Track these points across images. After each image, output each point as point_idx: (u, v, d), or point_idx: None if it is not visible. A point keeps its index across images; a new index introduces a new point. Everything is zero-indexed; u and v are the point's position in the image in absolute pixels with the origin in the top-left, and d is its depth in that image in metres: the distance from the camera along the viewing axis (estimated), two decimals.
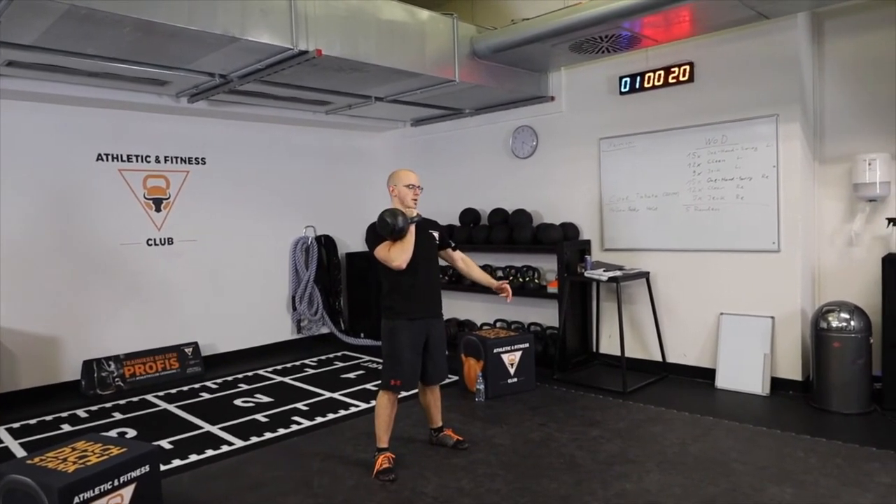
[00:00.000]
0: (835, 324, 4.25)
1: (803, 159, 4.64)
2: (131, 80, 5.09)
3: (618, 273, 5.17)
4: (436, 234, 3.67)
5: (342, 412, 4.57)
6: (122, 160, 5.55)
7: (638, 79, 5.34)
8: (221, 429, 4.27)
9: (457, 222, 6.72)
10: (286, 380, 5.54)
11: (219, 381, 5.57)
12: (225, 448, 3.91)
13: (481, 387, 4.76)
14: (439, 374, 3.68)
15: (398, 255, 3.35)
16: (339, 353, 6.54)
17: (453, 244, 3.83)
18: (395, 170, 3.68)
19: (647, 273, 5.36)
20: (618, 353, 5.17)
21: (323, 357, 6.40)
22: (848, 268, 4.69)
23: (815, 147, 4.80)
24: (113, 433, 4.18)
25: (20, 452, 3.91)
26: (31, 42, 3.97)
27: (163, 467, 3.44)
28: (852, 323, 4.21)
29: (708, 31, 4.79)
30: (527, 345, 5.01)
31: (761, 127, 4.73)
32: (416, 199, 3.58)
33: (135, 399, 5.09)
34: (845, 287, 4.65)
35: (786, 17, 4.50)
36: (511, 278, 6.18)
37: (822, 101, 4.77)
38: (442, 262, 3.84)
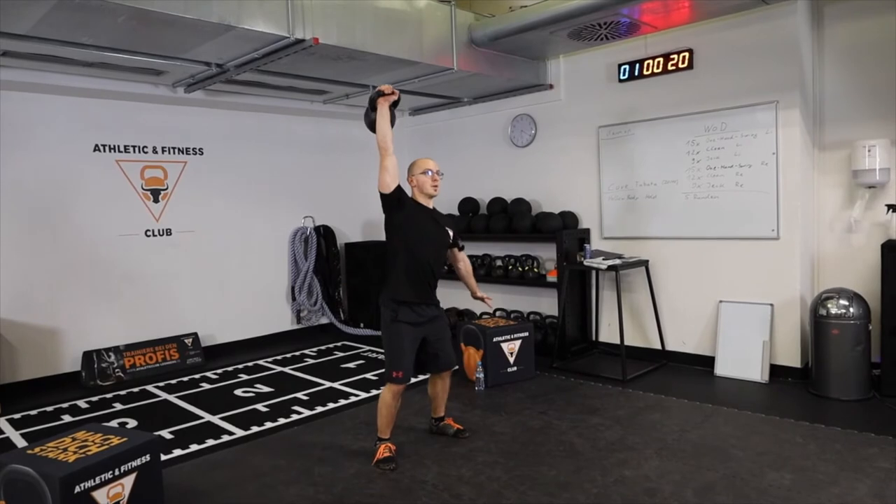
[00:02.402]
0: (834, 311, 4.25)
1: (803, 146, 4.63)
2: (127, 70, 5.07)
3: (617, 261, 5.16)
4: (451, 233, 3.65)
5: (342, 401, 4.58)
6: (119, 151, 5.52)
7: (637, 66, 5.32)
8: (222, 419, 4.28)
9: (456, 211, 6.71)
10: (286, 370, 5.55)
11: (219, 371, 5.57)
12: (225, 438, 3.92)
13: (481, 376, 4.77)
14: (449, 362, 3.66)
15: (379, 139, 3.34)
16: (338, 343, 6.55)
17: (461, 245, 3.82)
18: (414, 159, 3.63)
19: (647, 261, 5.36)
20: (617, 341, 5.18)
21: (323, 347, 6.40)
22: (847, 254, 4.69)
23: (814, 134, 4.78)
24: (114, 423, 4.19)
25: (21, 443, 3.92)
26: (25, 32, 3.95)
27: (164, 457, 3.46)
28: (851, 310, 4.21)
29: (707, 17, 4.76)
30: (526, 334, 5.02)
31: (761, 114, 4.71)
32: (436, 186, 3.53)
33: (135, 389, 5.10)
34: (844, 274, 4.66)
35: (785, 3, 4.47)
36: (511, 267, 6.18)
37: (822, 88, 4.75)
38: None
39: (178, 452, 3.68)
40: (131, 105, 5.57)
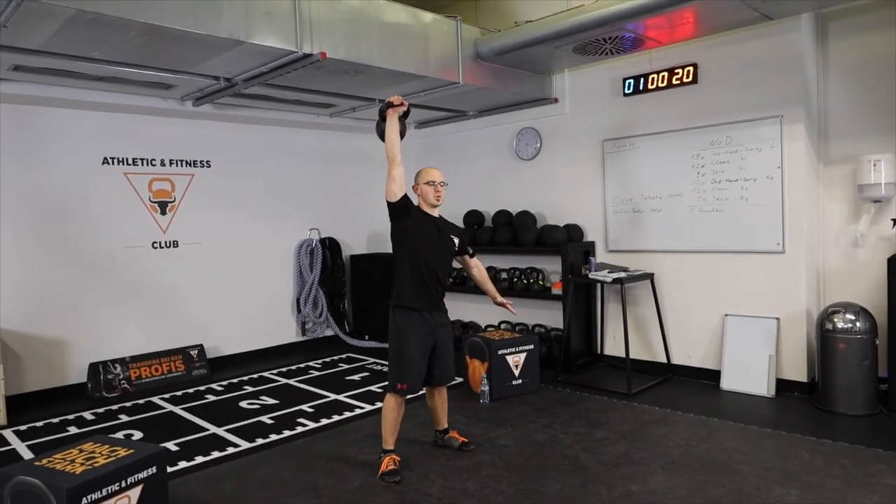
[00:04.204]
0: (840, 325, 4.24)
1: (807, 160, 4.64)
2: (137, 84, 5.13)
3: (622, 274, 5.17)
4: (455, 241, 3.68)
5: (347, 414, 4.58)
6: (127, 163, 5.58)
7: (641, 80, 5.35)
8: (227, 431, 4.28)
9: (461, 224, 6.73)
10: (291, 382, 5.55)
11: (224, 383, 5.58)
12: (231, 450, 3.92)
13: (486, 388, 4.76)
14: (446, 377, 3.68)
15: (387, 149, 3.50)
16: (343, 355, 6.55)
17: (471, 251, 3.84)
18: (420, 168, 3.67)
19: (652, 274, 5.36)
20: (622, 354, 5.17)
21: (328, 359, 6.41)
22: (853, 269, 4.68)
23: (819, 148, 4.79)
24: (119, 435, 4.20)
25: (27, 454, 3.93)
26: (37, 46, 4.01)
27: (169, 469, 3.46)
28: (858, 324, 4.20)
29: (712, 32, 4.79)
30: (531, 346, 5.02)
31: (765, 128, 4.72)
32: (438, 196, 3.59)
33: (141, 401, 5.11)
34: (850, 288, 4.64)
35: (789, 19, 4.50)
36: (516, 280, 6.18)
37: (827, 102, 4.76)
38: (456, 265, 3.85)
39: (183, 464, 3.69)
40: (140, 118, 5.62)
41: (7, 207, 4.94)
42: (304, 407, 4.78)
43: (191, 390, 5.39)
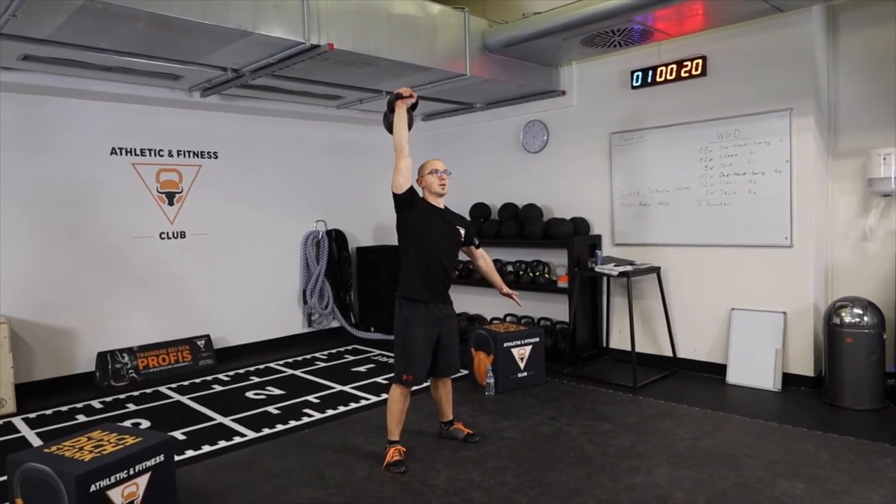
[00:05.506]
0: (848, 319, 4.22)
1: (817, 154, 4.61)
2: (145, 75, 5.14)
3: (628, 268, 5.15)
4: (461, 232, 3.68)
5: (353, 405, 4.59)
6: (135, 154, 5.59)
7: (650, 73, 5.32)
8: (234, 420, 4.31)
9: (467, 217, 6.72)
10: (297, 373, 5.58)
11: (231, 373, 5.61)
12: (237, 439, 3.95)
13: (491, 381, 4.77)
14: (451, 368, 3.69)
15: (395, 141, 3.48)
16: (349, 347, 6.57)
17: (477, 242, 3.85)
18: (423, 162, 3.67)
19: (658, 268, 5.34)
20: (628, 348, 5.16)
21: (333, 350, 6.43)
22: (861, 263, 4.66)
23: (828, 141, 4.76)
24: (127, 424, 4.23)
25: (36, 442, 3.97)
26: (46, 36, 4.02)
27: (176, 458, 3.48)
28: (865, 318, 4.18)
29: (721, 24, 4.76)
30: (537, 339, 5.02)
31: (774, 121, 4.69)
32: (443, 185, 3.60)
33: (148, 391, 5.14)
34: (859, 282, 4.62)
35: (800, 11, 4.47)
36: (521, 273, 6.18)
37: (837, 95, 4.73)
38: (462, 257, 3.85)
39: (190, 453, 3.71)
40: (148, 109, 5.64)
41: (16, 197, 4.97)
42: (310, 398, 4.80)
43: (198, 380, 5.42)
